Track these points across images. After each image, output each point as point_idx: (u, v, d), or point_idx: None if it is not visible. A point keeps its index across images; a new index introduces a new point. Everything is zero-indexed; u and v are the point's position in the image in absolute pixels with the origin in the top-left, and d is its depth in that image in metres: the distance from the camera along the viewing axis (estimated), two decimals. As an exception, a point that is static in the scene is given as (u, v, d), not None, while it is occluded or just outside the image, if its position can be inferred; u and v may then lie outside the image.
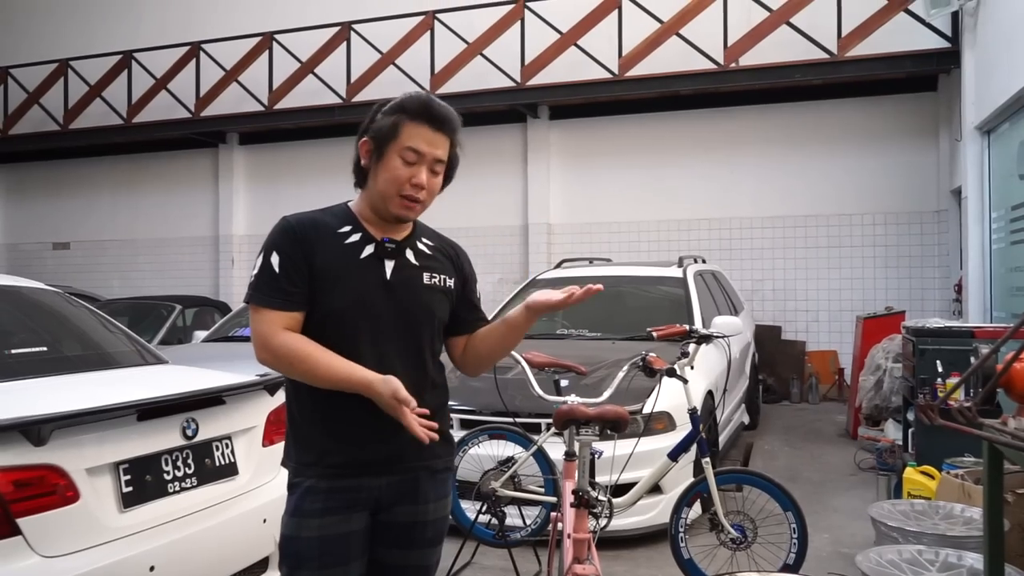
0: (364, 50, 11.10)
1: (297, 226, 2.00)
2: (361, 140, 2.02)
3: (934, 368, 4.95)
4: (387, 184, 1.98)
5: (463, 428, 4.72)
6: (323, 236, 2.00)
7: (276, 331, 1.94)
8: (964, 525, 3.68)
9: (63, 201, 14.19)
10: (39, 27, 14.28)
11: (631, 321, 5.90)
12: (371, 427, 1.96)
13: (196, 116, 12.18)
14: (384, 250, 2.03)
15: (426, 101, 2.01)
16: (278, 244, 1.99)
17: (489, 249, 11.48)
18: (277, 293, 1.95)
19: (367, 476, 1.99)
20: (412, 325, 2.04)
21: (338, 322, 1.97)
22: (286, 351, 1.93)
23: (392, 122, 1.98)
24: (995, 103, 6.69)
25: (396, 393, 1.87)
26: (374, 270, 2.01)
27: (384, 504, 2.02)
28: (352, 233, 2.02)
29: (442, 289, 2.10)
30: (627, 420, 2.67)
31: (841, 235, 10.24)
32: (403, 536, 2.05)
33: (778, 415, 8.82)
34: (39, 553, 2.30)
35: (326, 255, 1.98)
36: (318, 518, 1.96)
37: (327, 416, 1.99)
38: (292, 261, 1.96)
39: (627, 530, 4.44)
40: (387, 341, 2.00)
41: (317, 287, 1.97)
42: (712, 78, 9.82)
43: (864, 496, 5.40)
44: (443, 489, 2.12)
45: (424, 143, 1.98)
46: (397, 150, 1.97)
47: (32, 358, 3.18)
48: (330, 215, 2.06)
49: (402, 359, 2.01)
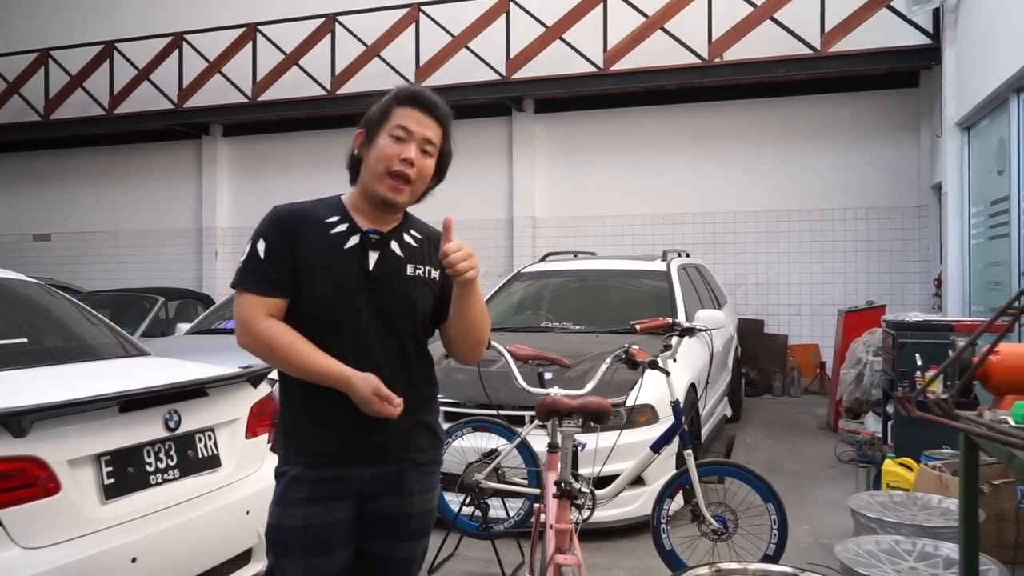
0: (349, 42, 11.06)
1: (286, 216, 2.04)
2: (356, 133, 2.07)
3: (913, 361, 5.01)
4: (376, 162, 2.00)
5: (447, 420, 4.73)
6: (310, 226, 2.03)
7: (259, 316, 1.97)
8: (941, 516, 3.73)
9: (44, 192, 14.05)
10: (19, 16, 14.11)
11: (615, 314, 5.93)
12: (355, 418, 1.96)
13: (179, 107, 12.09)
14: (368, 241, 2.04)
15: (417, 88, 2.08)
16: (265, 232, 2.02)
17: (474, 242, 11.22)
18: (261, 279, 1.98)
19: (351, 467, 2.01)
20: (393, 316, 2.05)
21: (320, 311, 1.99)
22: (267, 337, 1.95)
23: (383, 108, 2.03)
24: (975, 99, 6.75)
25: (378, 390, 1.90)
26: (357, 261, 2.02)
27: (369, 495, 2.03)
28: (339, 224, 2.04)
29: (426, 280, 2.10)
30: (609, 412, 2.69)
31: (824, 229, 10.31)
32: (388, 527, 2.06)
33: (760, 408, 8.89)
34: (20, 544, 2.29)
35: (311, 245, 2.00)
36: (302, 507, 1.98)
37: (312, 406, 2.01)
38: (277, 249, 1.99)
39: (610, 522, 4.47)
40: (368, 332, 2.01)
41: (300, 276, 1.99)
42: (697, 73, 9.86)
43: (844, 488, 5.46)
44: (429, 482, 2.12)
45: (414, 122, 2.01)
46: (387, 130, 2.00)
47: (12, 349, 3.15)
48: (321, 206, 2.09)
49: (383, 350, 2.02)
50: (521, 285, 6.88)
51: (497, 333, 5.53)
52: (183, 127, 12.52)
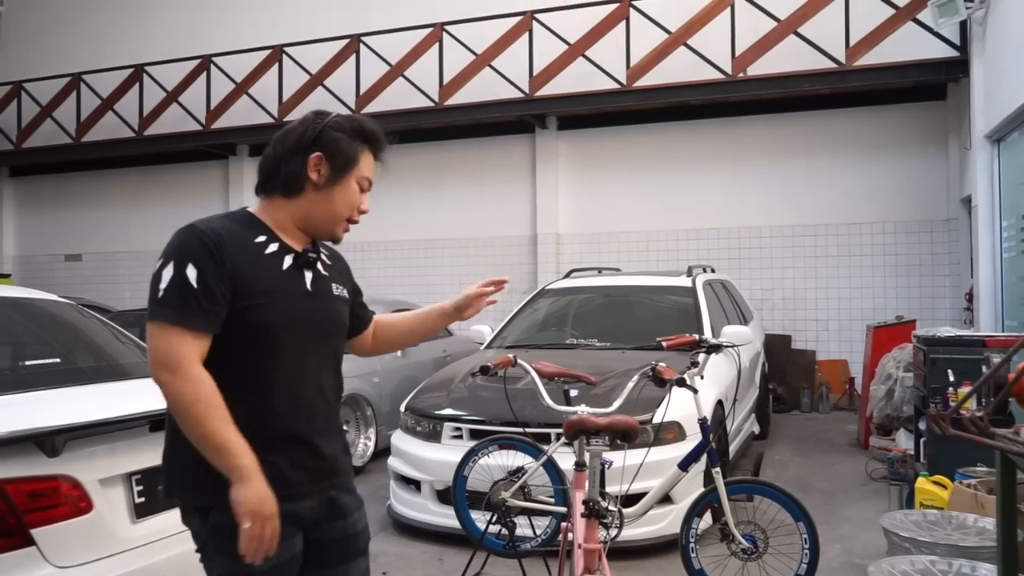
0: (373, 62, 11.17)
1: (213, 236, 1.85)
2: (313, 154, 1.94)
3: (945, 377, 4.93)
4: (344, 208, 2.00)
5: (473, 438, 4.73)
6: (242, 247, 1.89)
7: (194, 359, 1.78)
8: (977, 535, 3.66)
9: (75, 213, 14.29)
10: (52, 42, 14.42)
11: (640, 331, 5.90)
12: (305, 448, 1.93)
13: (207, 128, 12.27)
14: (306, 261, 1.99)
15: (380, 134, 2.05)
16: (195, 255, 1.82)
17: (498, 259, 11.50)
18: (197, 312, 1.79)
19: (300, 499, 1.91)
20: (331, 335, 2.05)
21: (268, 338, 1.87)
22: (197, 386, 1.75)
23: (355, 148, 1.99)
24: (1004, 111, 6.67)
25: (272, 518, 1.76)
26: (296, 282, 1.96)
27: (315, 524, 1.97)
28: (269, 243, 1.95)
29: (344, 299, 2.11)
30: (637, 430, 2.67)
31: (851, 244, 10.21)
32: (340, 551, 2.02)
33: (788, 424, 8.78)
34: (53, 564, 2.32)
35: (250, 268, 1.87)
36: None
37: (264, 436, 1.84)
38: (213, 276, 1.81)
39: (638, 540, 4.43)
40: (311, 353, 1.97)
41: (245, 303, 1.85)
42: (720, 88, 9.84)
43: (876, 506, 5.37)
44: (358, 498, 2.10)
45: (371, 173, 2.05)
46: (356, 177, 2.00)
47: (45, 369, 3.20)
48: (235, 222, 1.96)
49: (324, 372, 2.01)
50: (546, 302, 6.87)
51: (522, 350, 5.54)
52: (211, 148, 12.70)
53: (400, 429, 5.34)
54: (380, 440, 6.98)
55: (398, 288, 11.44)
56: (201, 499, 1.87)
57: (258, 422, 1.84)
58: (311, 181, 1.96)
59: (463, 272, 11.63)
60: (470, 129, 11.48)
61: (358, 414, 6.99)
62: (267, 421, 1.87)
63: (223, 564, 1.85)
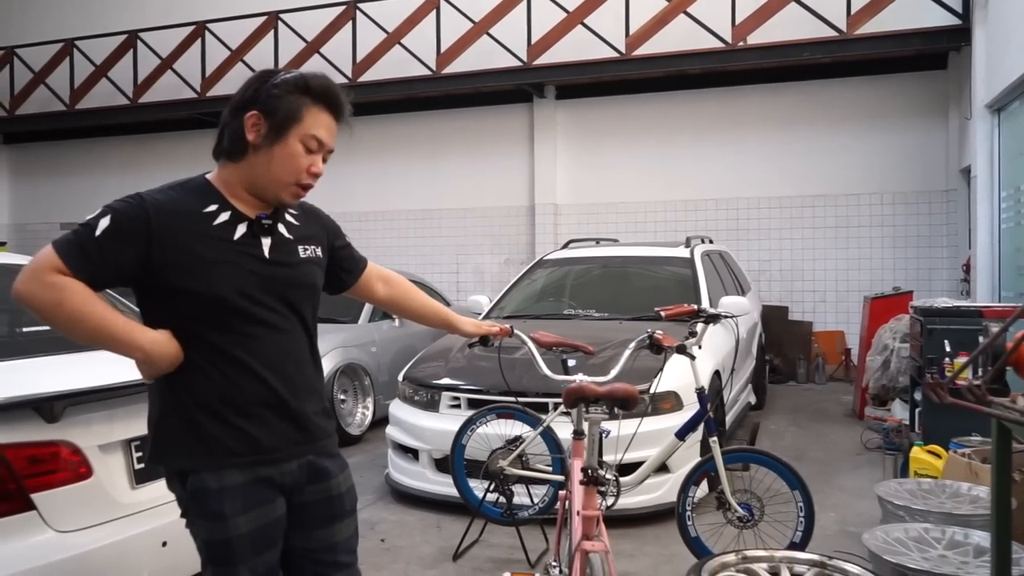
0: (370, 29, 11.05)
1: (153, 212, 1.82)
2: (249, 112, 1.86)
3: (942, 348, 4.94)
4: (285, 172, 1.88)
5: (471, 407, 4.74)
6: (187, 221, 1.84)
7: (56, 272, 1.74)
8: (971, 504, 3.69)
9: (70, 181, 14.21)
10: (44, 6, 14.24)
11: (638, 301, 5.90)
12: (278, 411, 1.91)
13: (202, 96, 12.16)
14: (261, 228, 1.91)
15: (332, 87, 1.92)
16: (118, 214, 1.80)
17: (495, 229, 11.48)
18: (81, 255, 1.76)
19: (278, 464, 1.91)
20: (296, 301, 1.96)
21: (223, 308, 1.84)
22: (59, 288, 1.73)
23: (296, 104, 1.86)
24: (1006, 81, 6.63)
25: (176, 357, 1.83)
26: (250, 250, 1.89)
27: (296, 488, 1.96)
28: (220, 212, 1.88)
29: (316, 261, 2.04)
30: (637, 398, 2.67)
31: (849, 215, 10.20)
32: (324, 513, 2.01)
33: (785, 395, 8.83)
34: (53, 528, 2.33)
35: (192, 240, 1.82)
36: (243, 515, 1.85)
37: (228, 399, 1.86)
38: (121, 237, 1.78)
39: (634, 508, 4.46)
40: (275, 320, 1.91)
41: (187, 276, 1.81)
42: (720, 57, 9.75)
43: (871, 475, 5.42)
44: (341, 461, 2.08)
45: (326, 132, 1.91)
46: (299, 135, 1.87)
47: (43, 336, 3.18)
48: (188, 192, 1.90)
49: (292, 338, 1.96)
50: (543, 272, 6.86)
51: (520, 320, 5.54)
52: (206, 116, 12.57)
53: (398, 398, 5.36)
54: (378, 409, 7.00)
55: (396, 259, 11.40)
56: (180, 463, 1.89)
57: (227, 391, 1.86)
58: (249, 142, 1.87)
59: (461, 242, 11.61)
60: (468, 98, 11.38)
61: (356, 383, 7.01)
62: (236, 389, 1.86)
63: (204, 527, 1.87)
